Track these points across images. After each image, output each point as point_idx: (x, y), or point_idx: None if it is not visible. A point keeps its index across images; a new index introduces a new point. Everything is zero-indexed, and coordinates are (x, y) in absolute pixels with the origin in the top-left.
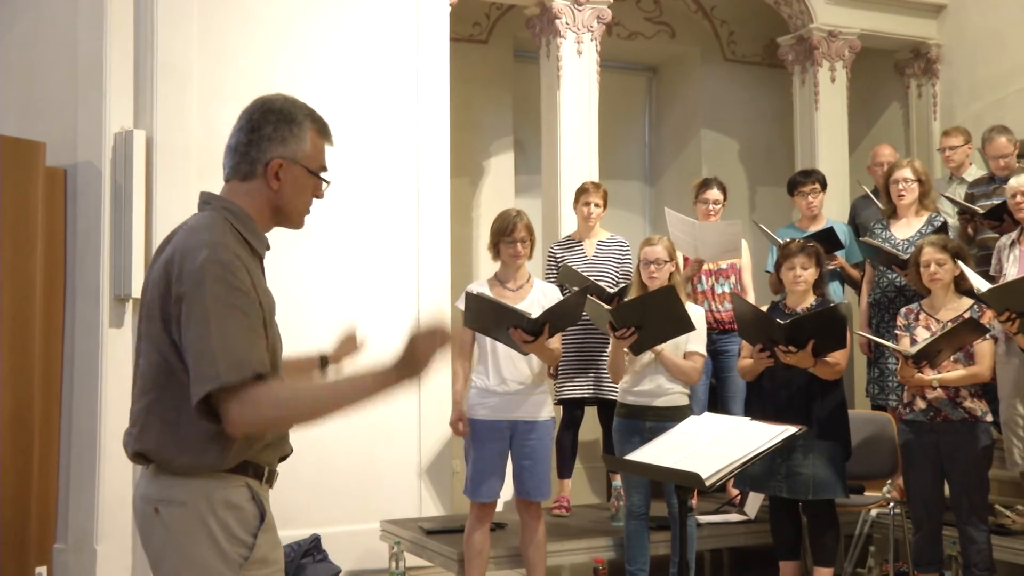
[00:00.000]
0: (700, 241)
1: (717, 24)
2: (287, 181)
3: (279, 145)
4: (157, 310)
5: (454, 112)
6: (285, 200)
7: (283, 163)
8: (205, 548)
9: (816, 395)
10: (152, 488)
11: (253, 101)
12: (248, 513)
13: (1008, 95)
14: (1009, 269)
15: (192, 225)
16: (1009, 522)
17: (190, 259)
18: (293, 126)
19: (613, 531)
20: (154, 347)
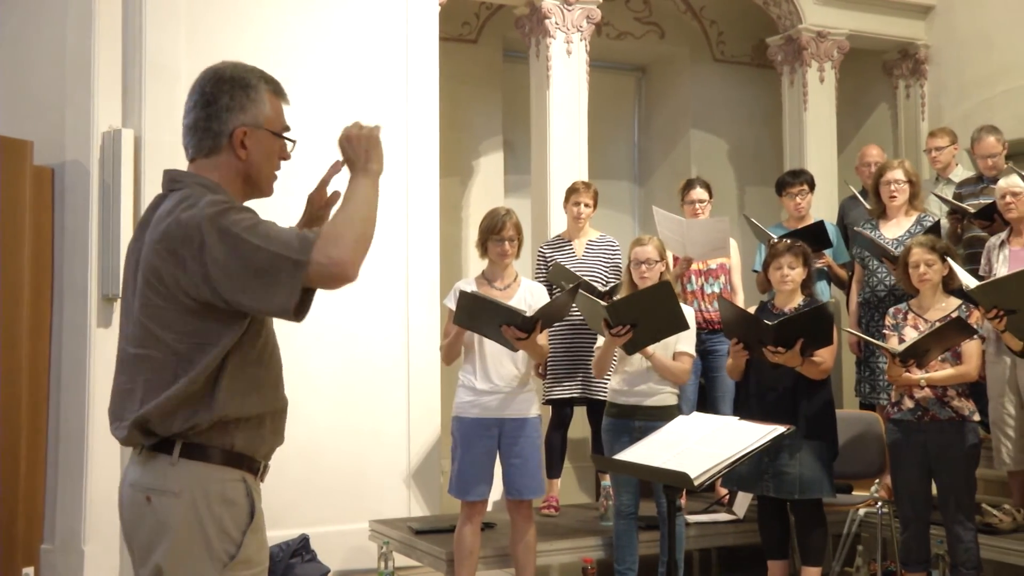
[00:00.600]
0: (688, 239)
1: (706, 24)
2: (253, 148)
3: (239, 113)
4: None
5: (443, 112)
6: (255, 168)
7: (247, 130)
8: (194, 541)
9: (803, 395)
10: (145, 476)
11: (202, 73)
12: (241, 510)
13: (996, 96)
14: (999, 269)
15: (182, 204)
16: (996, 521)
17: (197, 225)
18: (249, 91)
19: (602, 531)
20: (174, 333)
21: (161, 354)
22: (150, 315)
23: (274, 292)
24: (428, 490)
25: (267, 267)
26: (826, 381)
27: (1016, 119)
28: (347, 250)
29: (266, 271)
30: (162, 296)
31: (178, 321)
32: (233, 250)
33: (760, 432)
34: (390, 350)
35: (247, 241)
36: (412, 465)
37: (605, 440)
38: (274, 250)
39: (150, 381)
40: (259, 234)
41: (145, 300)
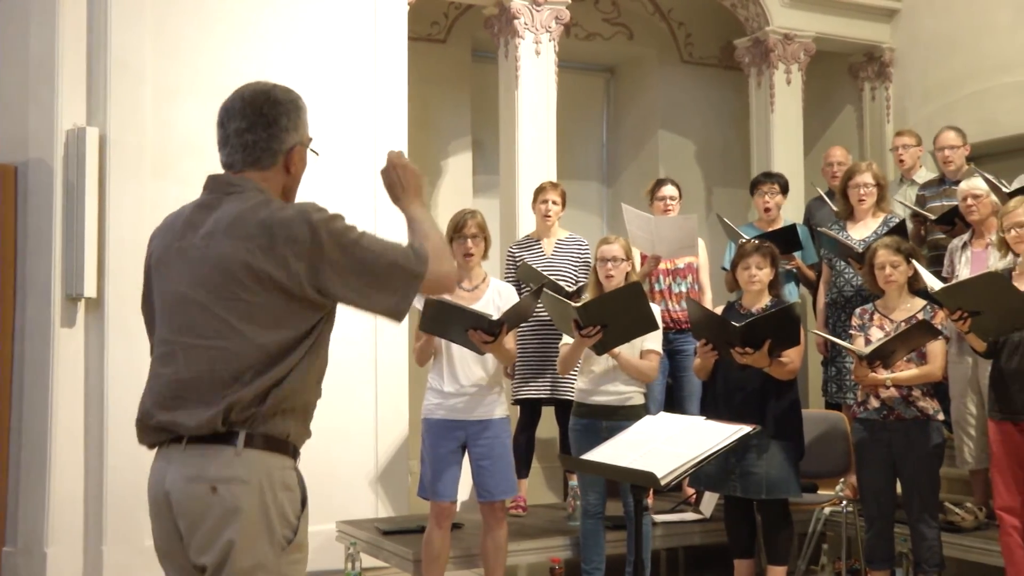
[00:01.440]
0: (657, 236)
1: (674, 26)
2: (298, 163)
3: (295, 132)
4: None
5: (412, 112)
6: (295, 180)
7: (300, 148)
8: (260, 527)
9: (770, 395)
10: (204, 467)
11: (254, 94)
12: (296, 496)
13: (959, 99)
14: (961, 270)
15: (258, 205)
16: (959, 519)
17: (300, 226)
18: (301, 112)
19: (569, 530)
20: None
21: (236, 346)
22: (229, 308)
23: (387, 296)
24: (396, 491)
25: (384, 274)
26: (793, 381)
27: (979, 122)
28: (451, 266)
29: (382, 278)
30: (248, 290)
31: (264, 314)
32: (350, 256)
33: (726, 432)
34: (358, 350)
35: (366, 248)
36: (380, 465)
37: (572, 440)
38: (393, 259)
39: (218, 373)
40: (373, 243)
41: (226, 293)
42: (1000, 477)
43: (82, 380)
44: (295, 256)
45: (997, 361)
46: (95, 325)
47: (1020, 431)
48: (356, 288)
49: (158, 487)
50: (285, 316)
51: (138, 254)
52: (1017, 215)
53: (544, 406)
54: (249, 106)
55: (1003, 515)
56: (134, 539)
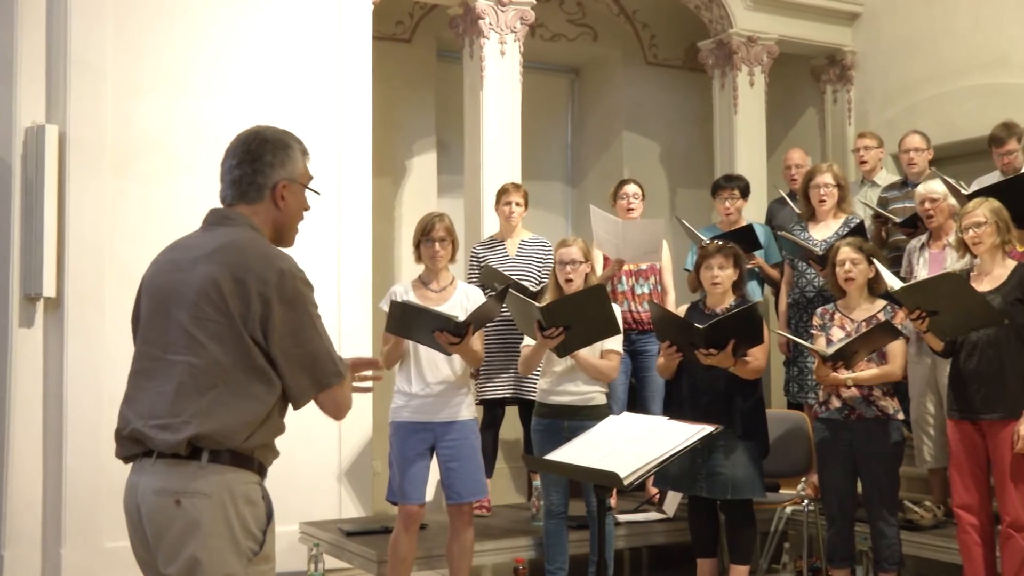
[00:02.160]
0: (623, 240)
1: (639, 27)
2: (290, 199)
3: (280, 168)
4: (228, 313)
5: (376, 111)
6: (288, 216)
7: (287, 184)
8: (224, 539)
9: (735, 395)
10: (172, 481)
11: (246, 133)
12: (260, 510)
13: (919, 102)
14: (919, 271)
15: (244, 239)
16: (918, 517)
17: (272, 270)
18: (289, 150)
19: (534, 531)
20: (221, 345)
21: (202, 361)
22: (197, 325)
23: (303, 377)
24: (359, 491)
25: (315, 358)
26: (757, 381)
27: (939, 125)
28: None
29: (312, 360)
30: (215, 309)
31: (224, 336)
32: (298, 320)
33: (689, 432)
34: None
35: (315, 327)
36: (343, 466)
37: (534, 440)
38: (329, 351)
39: (185, 385)
40: (321, 327)
41: (197, 311)
42: (958, 476)
43: (40, 381)
44: (258, 295)
45: (956, 361)
46: (54, 325)
47: (978, 430)
48: (286, 354)
49: (132, 500)
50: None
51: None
52: (975, 216)
53: (508, 406)
54: (241, 144)
55: (961, 513)
56: (93, 541)
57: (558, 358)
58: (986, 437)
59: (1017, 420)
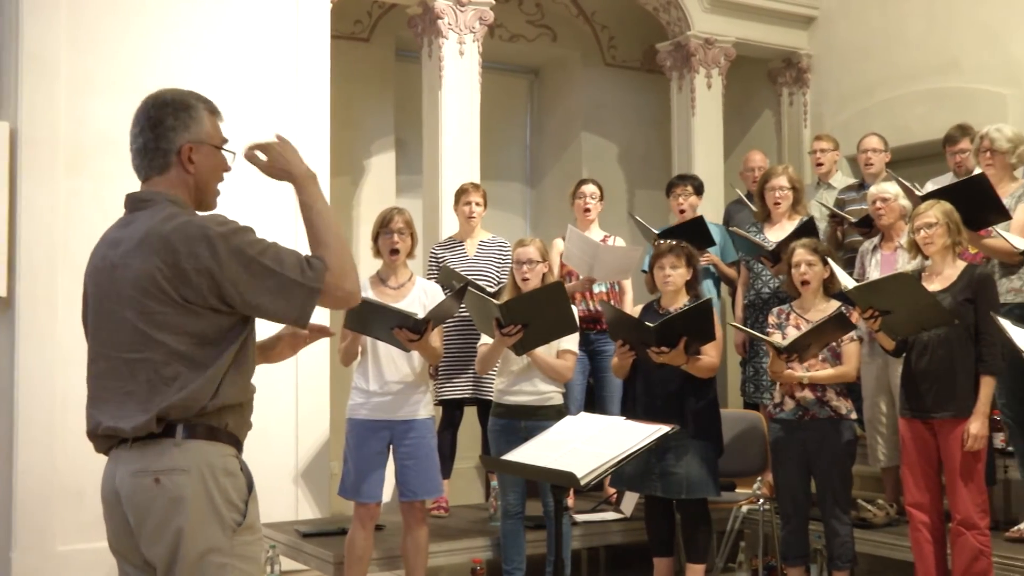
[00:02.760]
0: (599, 262)
1: (598, 29)
2: (200, 162)
3: (183, 131)
4: (174, 300)
5: (334, 110)
6: (202, 180)
7: (192, 146)
8: (206, 512)
9: (690, 395)
10: (147, 460)
11: (144, 101)
12: (240, 481)
13: (873, 105)
14: (871, 272)
15: (160, 221)
16: (871, 516)
17: (199, 242)
18: (191, 111)
19: (491, 531)
20: (175, 335)
21: (160, 356)
22: (147, 321)
23: (288, 309)
24: (316, 492)
25: (281, 289)
26: (711, 381)
27: (892, 128)
28: (354, 282)
29: (280, 292)
30: (159, 301)
31: (176, 323)
32: (247, 270)
33: (645, 432)
34: None
35: (262, 264)
36: (300, 467)
37: (492, 440)
38: (289, 275)
39: (152, 381)
40: (272, 257)
41: (141, 307)
42: (910, 474)
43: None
44: (196, 272)
45: (907, 361)
46: (5, 325)
47: (930, 429)
48: (255, 303)
49: (109, 486)
50: (201, 325)
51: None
52: (926, 217)
53: (467, 406)
54: (142, 111)
55: (913, 511)
56: (44, 545)
57: (515, 358)
58: (937, 436)
59: (968, 419)
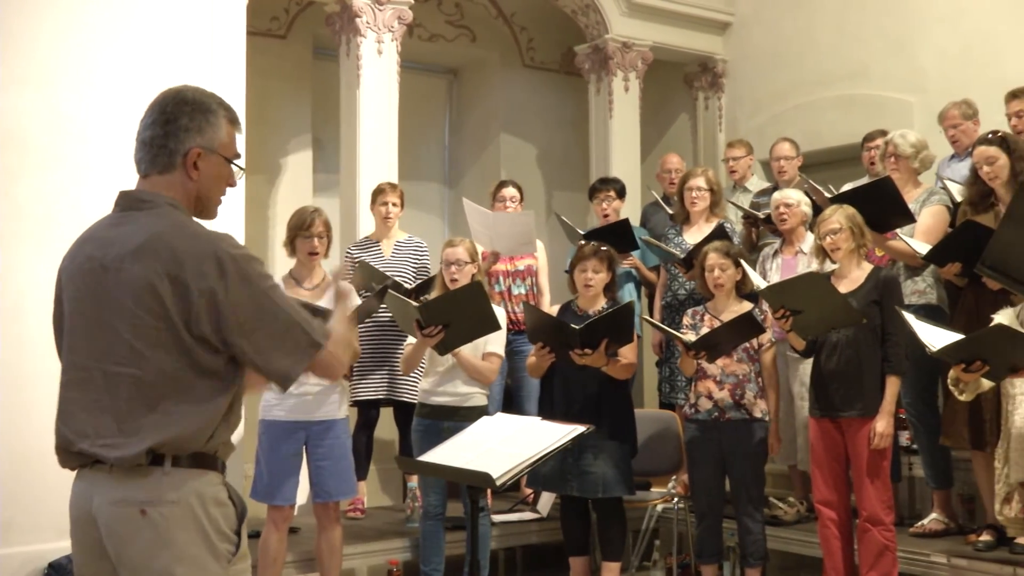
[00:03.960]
0: (495, 232)
1: (517, 30)
2: (205, 170)
3: (196, 135)
4: (168, 317)
5: (250, 107)
6: (204, 189)
7: (201, 152)
8: (198, 544)
9: (606, 396)
10: (131, 490)
11: (163, 93)
12: (231, 510)
13: (786, 110)
14: (772, 276)
15: (168, 227)
16: (782, 513)
17: (208, 259)
18: (209, 115)
19: (408, 532)
20: (167, 353)
21: (149, 375)
22: (138, 334)
23: (280, 357)
24: None
25: (284, 332)
26: (627, 382)
27: (804, 133)
28: (348, 356)
29: (281, 335)
30: (154, 315)
31: (170, 342)
32: (255, 302)
33: (561, 432)
34: None
35: (272, 300)
36: None
37: (414, 441)
38: (297, 320)
39: (133, 400)
40: (281, 297)
41: (134, 318)
42: (819, 472)
43: None
44: (198, 291)
45: (817, 361)
46: None
47: (838, 428)
48: (252, 339)
49: (82, 509)
50: (196, 355)
51: None
52: (830, 223)
53: (383, 407)
54: (158, 104)
55: (821, 508)
56: None
57: (441, 358)
58: (845, 434)
59: (874, 418)
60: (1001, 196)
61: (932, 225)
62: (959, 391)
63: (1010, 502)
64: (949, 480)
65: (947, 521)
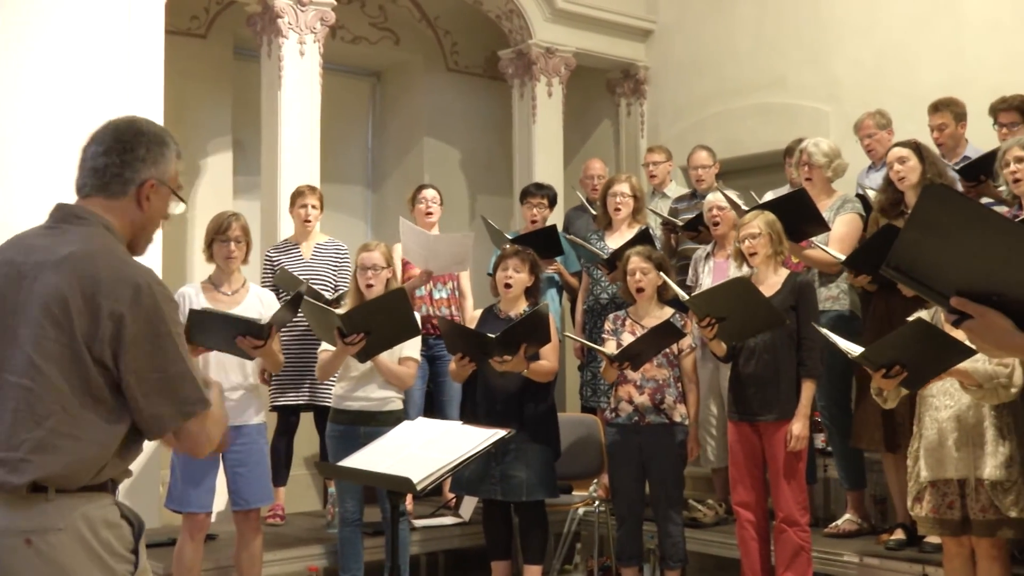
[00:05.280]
0: (432, 252)
1: (441, 34)
2: (155, 202)
3: (152, 166)
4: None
5: (168, 108)
6: (150, 220)
7: (155, 184)
8: (91, 570)
9: (528, 399)
10: (13, 518)
11: (113, 122)
12: (124, 529)
13: (706, 117)
14: (704, 279)
15: (97, 246)
16: (701, 515)
17: (128, 285)
18: (164, 148)
19: (328, 538)
20: (61, 370)
21: (40, 388)
22: (37, 346)
23: (165, 403)
24: (146, 503)
25: (174, 380)
26: (549, 386)
27: (723, 141)
28: (217, 438)
29: (170, 383)
30: (58, 328)
31: (66, 359)
32: (158, 340)
33: (483, 436)
34: None
35: (176, 346)
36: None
37: (330, 446)
38: (194, 375)
39: (19, 412)
40: (184, 349)
41: (39, 329)
42: (737, 475)
43: None
44: (109, 314)
45: (735, 365)
46: None
47: (756, 431)
48: (141, 377)
49: None
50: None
51: None
52: (750, 227)
53: (303, 412)
54: (112, 131)
55: (739, 510)
56: None
57: (356, 363)
58: (762, 437)
59: (790, 420)
60: (910, 201)
61: (846, 233)
62: (883, 400)
63: (921, 501)
64: (862, 481)
65: (860, 521)
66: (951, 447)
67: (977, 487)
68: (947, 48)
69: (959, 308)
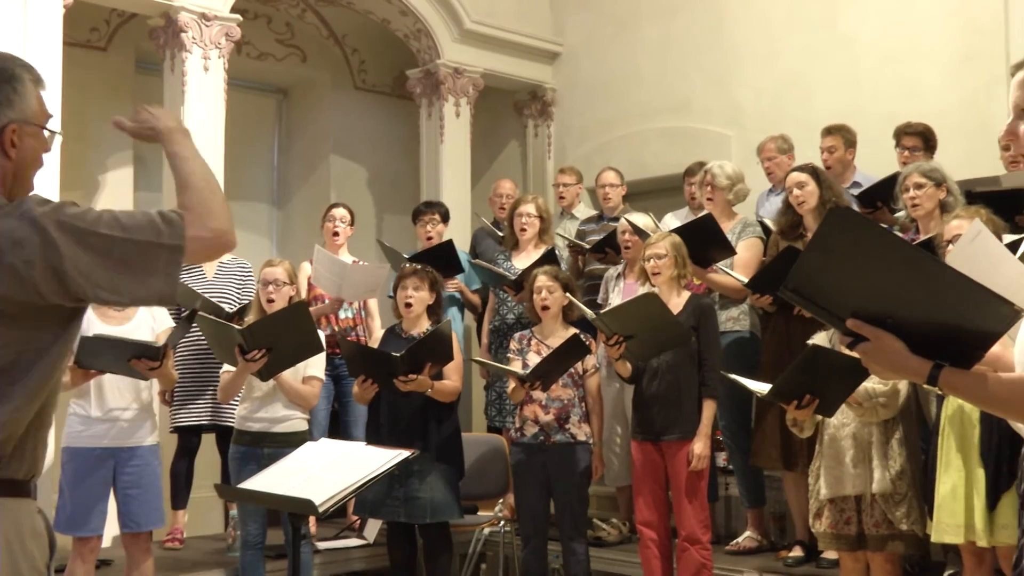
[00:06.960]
0: (347, 281)
1: (348, 52)
2: (23, 146)
3: (7, 109)
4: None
5: (66, 122)
6: (22, 166)
7: (17, 127)
8: None
9: (432, 419)
10: None
11: None
12: (45, 542)
13: (612, 140)
14: (614, 299)
15: None
16: (605, 534)
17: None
18: (15, 83)
19: (228, 562)
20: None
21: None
22: None
23: (150, 282)
24: None
25: (137, 258)
26: (454, 405)
27: (630, 163)
28: (223, 219)
29: (137, 262)
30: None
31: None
32: (92, 248)
33: (386, 457)
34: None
35: (106, 236)
36: None
37: (232, 468)
38: (141, 239)
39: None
40: (114, 225)
41: None
42: (640, 494)
43: None
44: (25, 263)
45: (639, 385)
46: None
47: (659, 450)
48: (106, 284)
49: None
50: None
51: None
52: (656, 248)
53: (204, 433)
54: None
55: (643, 529)
56: None
57: (259, 383)
58: (665, 456)
59: (693, 440)
60: (809, 224)
61: (748, 258)
62: (799, 429)
63: (820, 517)
64: (762, 499)
65: (760, 538)
66: (848, 464)
67: (872, 502)
68: (844, 77)
69: (854, 330)
